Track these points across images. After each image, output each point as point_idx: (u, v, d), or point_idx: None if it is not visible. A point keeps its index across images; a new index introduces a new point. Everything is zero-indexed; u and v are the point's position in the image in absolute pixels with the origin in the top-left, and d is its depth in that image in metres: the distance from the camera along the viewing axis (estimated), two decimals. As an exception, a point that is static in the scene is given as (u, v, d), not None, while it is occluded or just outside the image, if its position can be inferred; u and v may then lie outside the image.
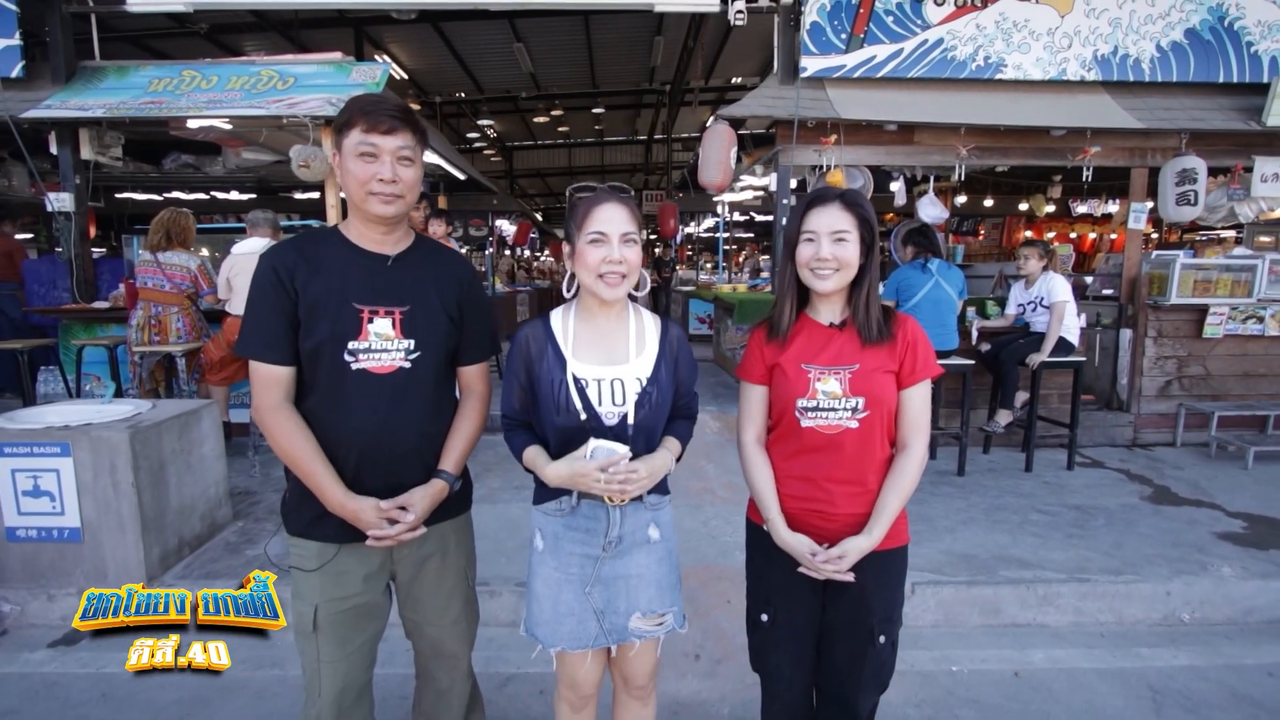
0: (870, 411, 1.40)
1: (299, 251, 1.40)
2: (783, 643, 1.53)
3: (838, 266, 1.40)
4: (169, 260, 4.04)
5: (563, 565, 1.46)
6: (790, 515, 1.47)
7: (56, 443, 2.59)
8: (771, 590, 1.54)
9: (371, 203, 1.37)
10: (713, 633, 2.57)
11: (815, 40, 4.67)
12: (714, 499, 3.76)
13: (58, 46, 4.71)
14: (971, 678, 2.42)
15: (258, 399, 1.38)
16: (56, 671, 2.41)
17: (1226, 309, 4.84)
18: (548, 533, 1.48)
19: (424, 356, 1.43)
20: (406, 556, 1.51)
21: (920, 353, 1.44)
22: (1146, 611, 2.81)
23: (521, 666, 2.42)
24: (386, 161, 1.35)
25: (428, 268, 1.49)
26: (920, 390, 1.44)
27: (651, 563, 1.47)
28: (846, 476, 1.43)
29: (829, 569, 1.39)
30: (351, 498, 1.36)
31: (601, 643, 1.46)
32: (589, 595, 1.44)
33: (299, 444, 1.36)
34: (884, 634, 1.46)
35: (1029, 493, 3.95)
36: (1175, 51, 4.77)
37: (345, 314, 1.37)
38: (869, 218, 1.42)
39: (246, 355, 1.38)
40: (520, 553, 3.05)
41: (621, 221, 1.35)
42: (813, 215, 1.43)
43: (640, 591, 1.46)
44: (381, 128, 1.33)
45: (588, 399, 1.38)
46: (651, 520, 1.48)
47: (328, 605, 1.44)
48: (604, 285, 1.35)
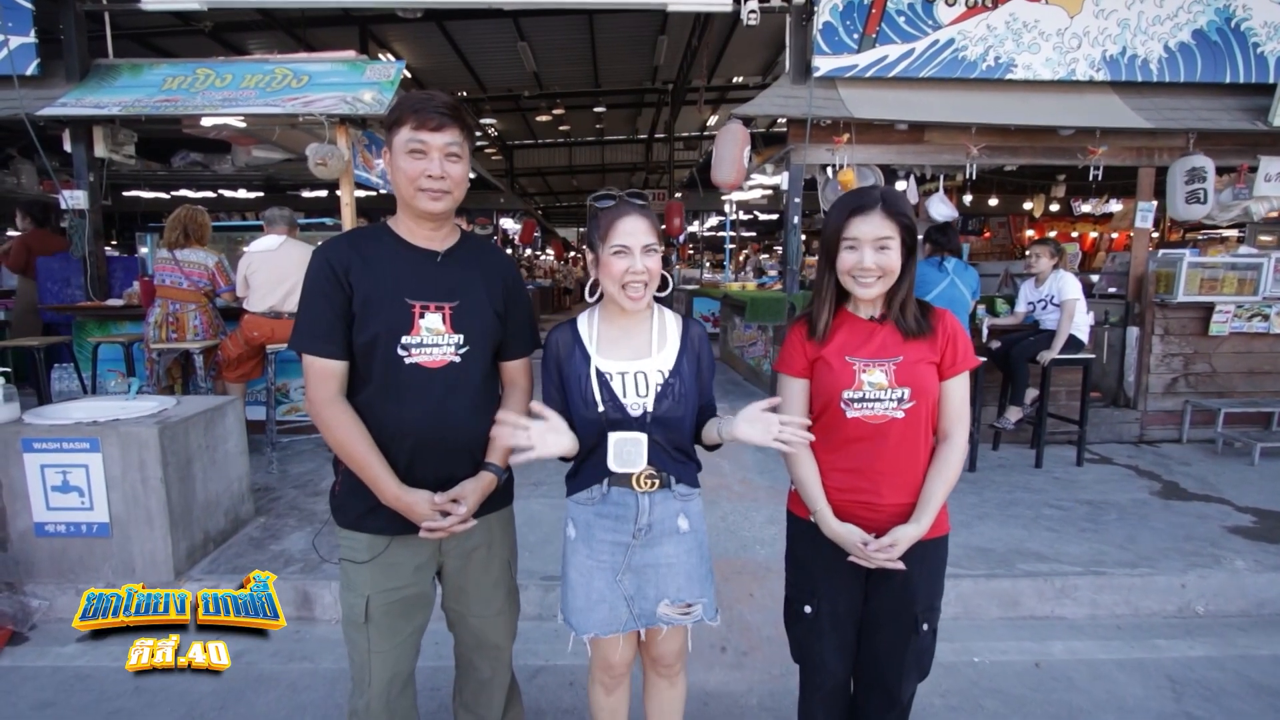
0: (916, 402, 1.43)
1: (353, 247, 1.42)
2: (826, 633, 1.55)
3: (881, 274, 1.43)
4: (186, 258, 4.06)
5: (594, 553, 1.50)
6: (837, 507, 1.50)
7: (86, 438, 2.61)
8: (816, 581, 1.56)
9: (421, 199, 1.39)
10: (738, 625, 2.60)
11: (828, 40, 4.71)
12: (730, 494, 3.80)
13: (72, 44, 4.72)
14: (993, 668, 2.46)
15: (313, 392, 1.40)
16: (89, 665, 2.43)
17: (1232, 307, 4.89)
18: (580, 521, 1.52)
19: (472, 351, 1.46)
20: (455, 548, 1.53)
21: (960, 345, 1.47)
22: (1162, 604, 2.85)
23: (550, 659, 2.45)
24: (435, 158, 1.37)
25: (475, 264, 1.52)
26: (961, 381, 1.48)
27: (680, 552, 1.51)
28: (892, 467, 1.46)
29: (880, 557, 1.42)
30: (406, 491, 1.39)
31: (631, 627, 1.51)
32: (620, 582, 1.49)
33: (355, 437, 1.38)
34: (927, 622, 1.50)
35: (1041, 488, 3.99)
36: (1183, 52, 4.82)
37: (398, 309, 1.39)
38: (910, 223, 1.44)
39: (302, 350, 1.40)
40: (542, 547, 3.08)
41: (643, 233, 1.40)
42: (855, 222, 1.44)
43: (669, 580, 1.49)
44: (430, 124, 1.35)
45: (611, 391, 1.44)
46: (681, 510, 1.52)
47: (380, 596, 1.46)
48: (627, 297, 1.42)
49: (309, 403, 1.41)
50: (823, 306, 1.52)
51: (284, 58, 4.85)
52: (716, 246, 17.58)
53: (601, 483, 1.47)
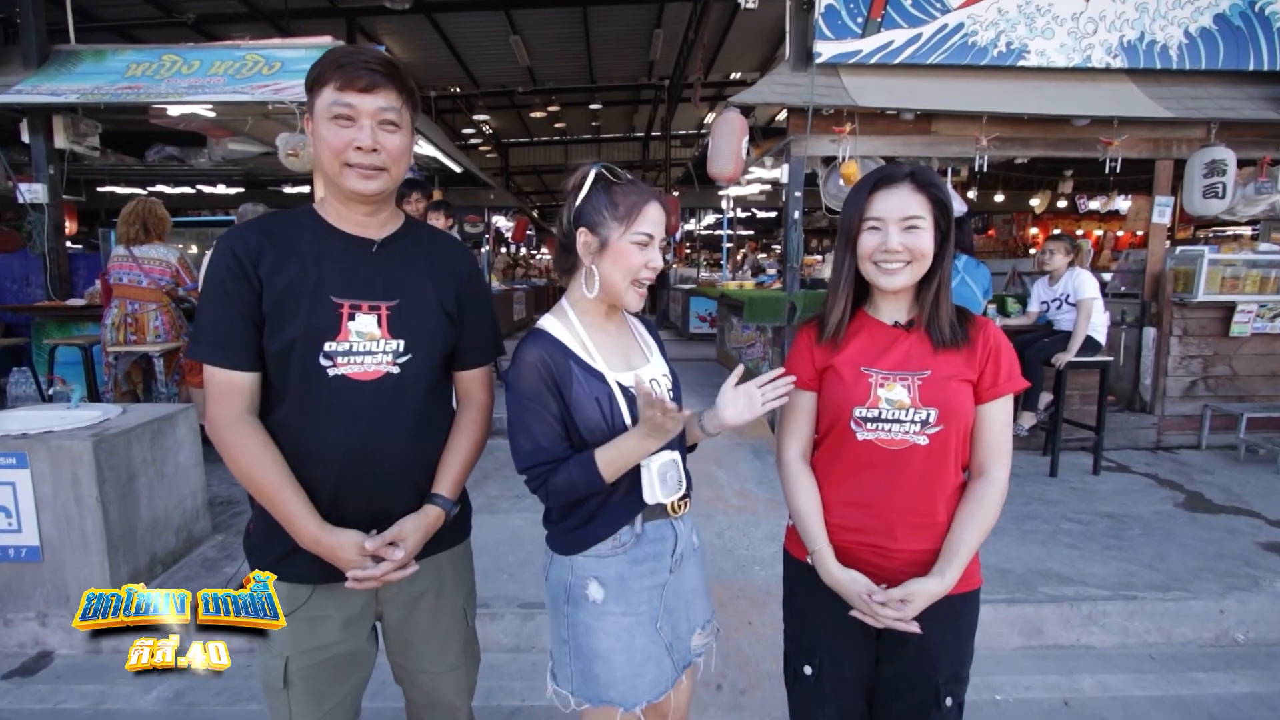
0: (944, 426, 1.18)
1: (264, 233, 1.17)
2: (829, 699, 1.29)
3: (909, 259, 1.19)
4: (146, 254, 3.80)
5: (633, 608, 1.24)
6: (840, 549, 1.24)
7: (12, 453, 2.36)
8: (816, 637, 1.30)
9: (348, 176, 1.14)
10: (735, 659, 2.35)
11: (830, 24, 4.45)
12: (726, 507, 3.55)
13: (29, 29, 4.46)
14: (1018, 708, 2.22)
15: (213, 411, 1.15)
16: (10, 708, 2.18)
17: (1255, 306, 4.66)
18: (609, 578, 1.24)
19: (415, 360, 1.21)
20: (395, 596, 1.28)
21: (1004, 363, 1.22)
22: (1198, 631, 2.61)
23: (526, 699, 2.20)
24: (366, 126, 1.12)
25: (420, 255, 1.26)
26: (1002, 406, 1.22)
27: (698, 571, 1.39)
28: (910, 504, 1.20)
29: (889, 615, 1.16)
30: (328, 531, 1.14)
31: (675, 678, 1.30)
32: (659, 630, 1.27)
33: (264, 466, 1.13)
34: (951, 695, 1.23)
35: (1057, 500, 3.75)
36: (1204, 38, 4.58)
37: (320, 309, 1.15)
38: (945, 199, 1.20)
39: (199, 359, 1.15)
40: (522, 569, 2.83)
41: (663, 226, 1.24)
42: (878, 199, 1.20)
43: (695, 606, 1.36)
44: (359, 83, 1.10)
45: (635, 409, 1.20)
46: (694, 528, 1.38)
47: (301, 657, 1.21)
48: (635, 294, 1.23)
49: (209, 423, 1.16)
50: (837, 302, 1.28)
51: (256, 43, 4.60)
52: (714, 245, 17.36)
53: (633, 522, 1.24)
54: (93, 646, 2.49)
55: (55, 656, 2.45)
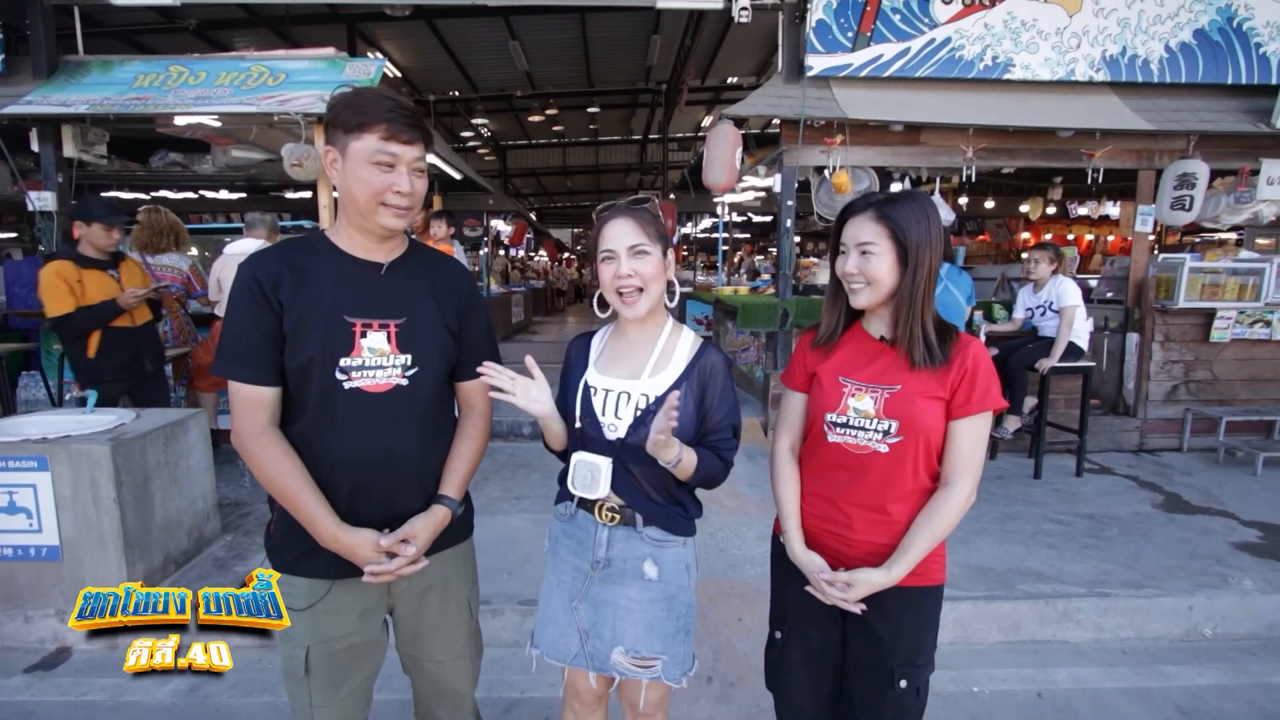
0: (904, 438, 1.29)
1: (283, 260, 1.28)
2: (794, 664, 1.45)
3: (866, 281, 1.31)
4: (160, 262, 3.90)
5: (558, 570, 1.47)
6: (810, 533, 1.40)
7: (33, 456, 2.46)
8: (787, 608, 1.46)
9: (383, 214, 1.26)
10: (725, 653, 2.47)
11: (821, 38, 4.58)
12: (719, 508, 3.66)
13: (39, 40, 4.55)
14: (994, 699, 2.33)
15: (238, 424, 1.26)
16: (34, 700, 2.28)
17: (1234, 312, 4.79)
18: (553, 534, 1.51)
19: (422, 373, 1.33)
20: (406, 590, 1.40)
21: (979, 383, 1.28)
22: (1168, 627, 2.73)
23: (526, 691, 2.31)
24: (404, 173, 1.24)
25: (424, 276, 1.38)
26: (973, 424, 1.29)
27: (644, 600, 1.38)
28: (868, 502, 1.33)
29: (834, 593, 1.31)
30: (346, 530, 1.25)
31: (581, 664, 1.41)
32: (575, 609, 1.42)
33: (286, 473, 1.24)
34: (905, 678, 1.34)
35: (1040, 501, 3.87)
36: (1184, 52, 4.71)
37: (336, 328, 1.26)
38: (901, 229, 1.28)
39: (225, 376, 1.26)
40: (522, 568, 2.94)
41: (628, 235, 1.32)
42: (847, 226, 1.35)
43: (627, 626, 1.37)
44: (402, 137, 1.23)
45: (590, 407, 1.38)
46: (649, 556, 1.38)
47: (320, 646, 1.32)
48: (622, 303, 1.36)
49: (235, 435, 1.27)
50: (831, 312, 1.43)
51: (261, 55, 4.69)
52: (710, 248, 17.45)
53: (572, 500, 1.44)
54: (110, 643, 2.57)
55: (74, 652, 2.55)
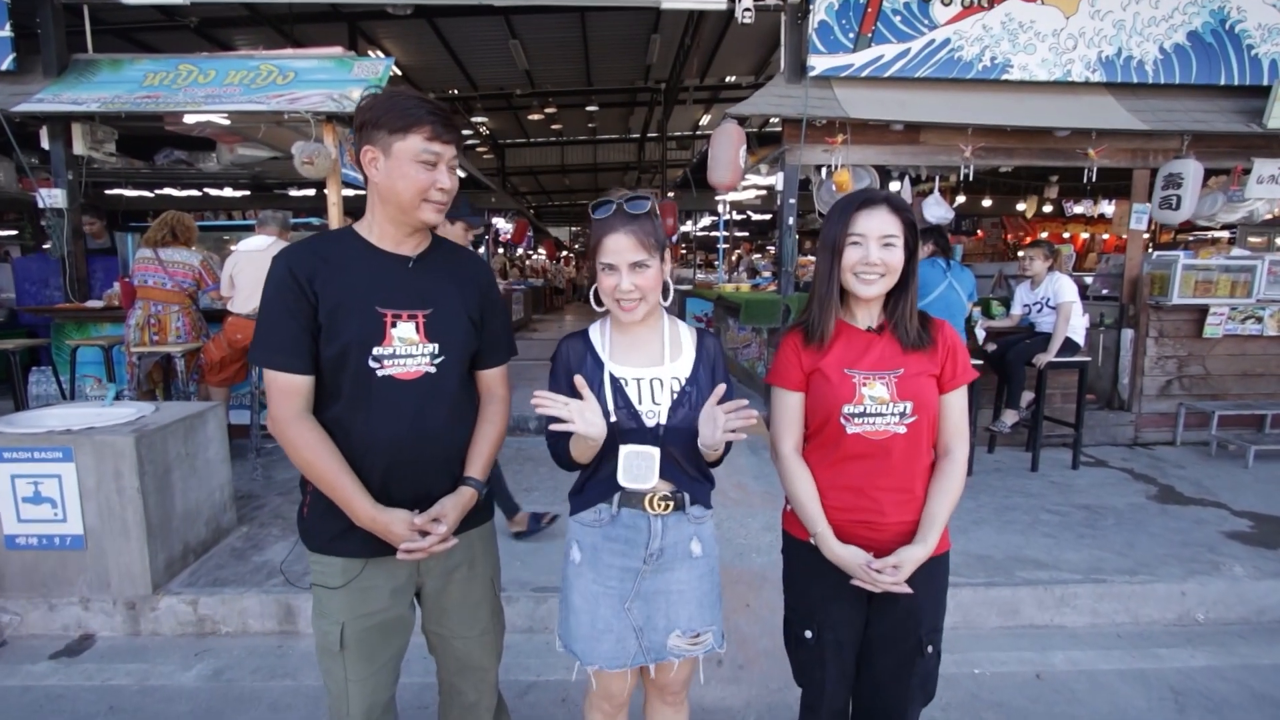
0: (918, 416, 1.38)
1: (316, 253, 1.34)
2: (830, 660, 1.49)
3: (884, 272, 1.38)
4: (171, 257, 3.95)
5: (601, 578, 1.42)
6: (836, 527, 1.43)
7: (59, 447, 2.52)
8: (815, 606, 1.49)
9: (426, 210, 1.33)
10: (734, 637, 2.54)
11: (823, 39, 4.65)
12: (725, 500, 3.74)
13: (49, 39, 4.59)
14: (994, 680, 2.41)
15: (276, 410, 1.31)
16: (61, 684, 2.34)
17: (1226, 309, 4.89)
18: (585, 545, 1.44)
19: (448, 361, 1.39)
20: (434, 568, 1.46)
21: (960, 358, 1.44)
22: (1162, 612, 2.82)
23: (541, 674, 2.39)
24: (444, 170, 1.32)
25: (447, 269, 1.45)
26: (961, 395, 1.45)
27: (694, 579, 1.43)
28: (895, 484, 1.40)
29: (887, 580, 1.35)
30: (382, 511, 1.31)
31: (639, 661, 1.42)
32: (628, 611, 1.41)
33: (323, 457, 1.30)
34: (931, 644, 1.44)
35: (1037, 492, 3.96)
36: (1178, 54, 4.81)
37: (368, 318, 1.32)
38: (913, 222, 1.41)
39: (263, 365, 1.31)
40: (533, 557, 3.01)
41: (630, 250, 1.32)
42: (861, 218, 1.39)
43: (680, 608, 1.42)
44: (445, 136, 1.30)
45: (626, 397, 1.37)
46: (695, 534, 1.44)
47: (355, 622, 1.38)
48: (621, 310, 1.38)
49: (272, 421, 1.32)
50: (826, 308, 1.45)
51: (269, 54, 4.75)
52: (710, 246, 17.53)
53: (610, 502, 1.40)
54: (132, 629, 2.66)
55: (97, 638, 2.61)
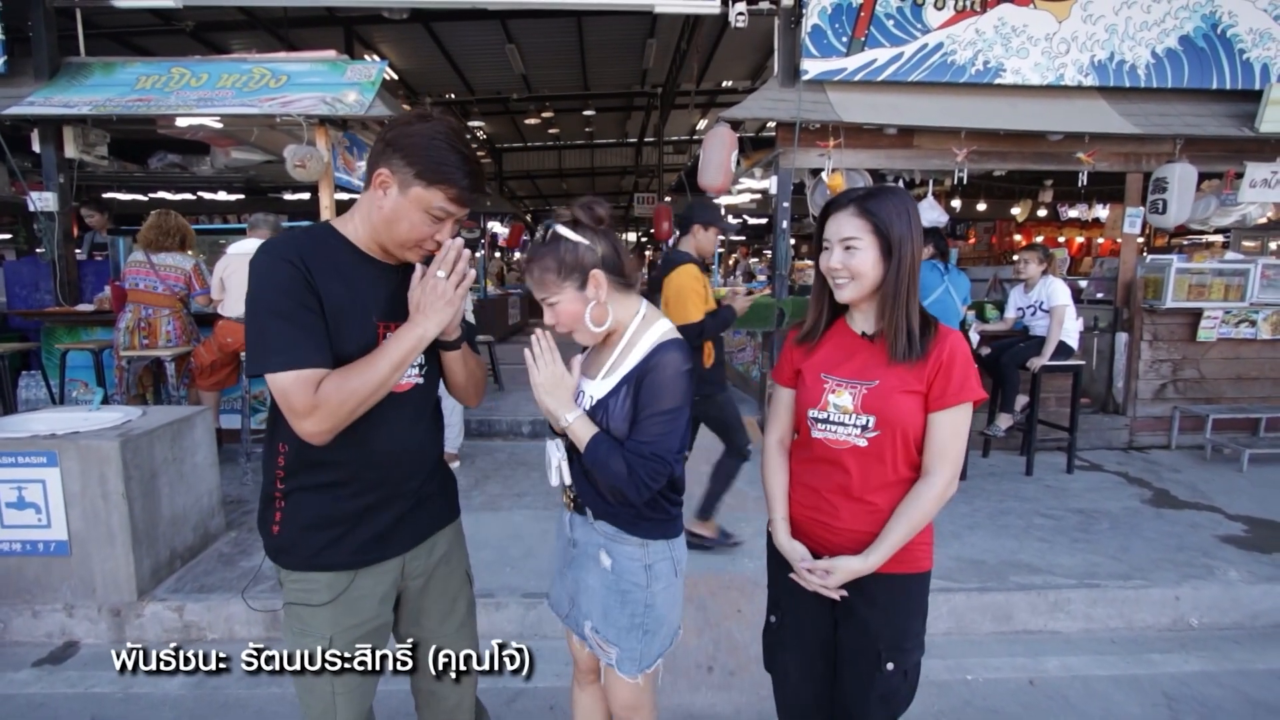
0: (881, 432, 1.31)
1: (302, 250, 1.24)
2: (789, 646, 1.51)
3: (850, 276, 1.33)
4: (163, 261, 3.93)
5: (559, 536, 1.58)
6: (798, 522, 1.45)
7: (43, 452, 2.49)
8: (781, 593, 1.52)
9: (410, 254, 1.30)
10: (725, 643, 2.52)
11: (816, 43, 4.66)
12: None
13: (41, 42, 4.58)
14: (987, 686, 2.40)
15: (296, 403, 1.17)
16: (43, 692, 2.31)
17: (1220, 312, 4.89)
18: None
19: (430, 371, 1.40)
20: (419, 566, 1.45)
21: (956, 375, 1.29)
22: (1156, 617, 2.81)
23: (530, 682, 2.36)
24: (448, 226, 1.29)
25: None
26: (951, 415, 1.30)
27: (600, 588, 1.44)
28: (849, 493, 1.36)
29: (814, 580, 1.36)
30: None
31: (571, 625, 1.52)
32: (564, 575, 1.54)
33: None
34: (893, 661, 1.37)
35: (1032, 497, 3.95)
36: (1170, 58, 4.82)
37: (367, 328, 1.28)
38: (884, 223, 1.29)
39: (294, 366, 1.16)
40: (525, 562, 2.99)
41: (538, 289, 1.36)
42: (829, 221, 1.37)
43: (592, 605, 1.46)
44: (466, 200, 1.27)
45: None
46: (602, 547, 1.42)
47: (344, 634, 1.34)
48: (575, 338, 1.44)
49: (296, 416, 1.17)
50: (816, 309, 1.46)
51: (262, 57, 4.74)
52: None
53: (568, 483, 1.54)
54: (116, 637, 2.63)
55: (81, 646, 2.58)
